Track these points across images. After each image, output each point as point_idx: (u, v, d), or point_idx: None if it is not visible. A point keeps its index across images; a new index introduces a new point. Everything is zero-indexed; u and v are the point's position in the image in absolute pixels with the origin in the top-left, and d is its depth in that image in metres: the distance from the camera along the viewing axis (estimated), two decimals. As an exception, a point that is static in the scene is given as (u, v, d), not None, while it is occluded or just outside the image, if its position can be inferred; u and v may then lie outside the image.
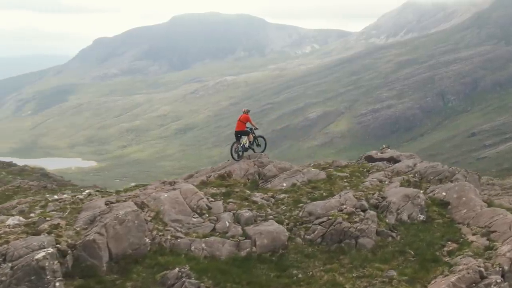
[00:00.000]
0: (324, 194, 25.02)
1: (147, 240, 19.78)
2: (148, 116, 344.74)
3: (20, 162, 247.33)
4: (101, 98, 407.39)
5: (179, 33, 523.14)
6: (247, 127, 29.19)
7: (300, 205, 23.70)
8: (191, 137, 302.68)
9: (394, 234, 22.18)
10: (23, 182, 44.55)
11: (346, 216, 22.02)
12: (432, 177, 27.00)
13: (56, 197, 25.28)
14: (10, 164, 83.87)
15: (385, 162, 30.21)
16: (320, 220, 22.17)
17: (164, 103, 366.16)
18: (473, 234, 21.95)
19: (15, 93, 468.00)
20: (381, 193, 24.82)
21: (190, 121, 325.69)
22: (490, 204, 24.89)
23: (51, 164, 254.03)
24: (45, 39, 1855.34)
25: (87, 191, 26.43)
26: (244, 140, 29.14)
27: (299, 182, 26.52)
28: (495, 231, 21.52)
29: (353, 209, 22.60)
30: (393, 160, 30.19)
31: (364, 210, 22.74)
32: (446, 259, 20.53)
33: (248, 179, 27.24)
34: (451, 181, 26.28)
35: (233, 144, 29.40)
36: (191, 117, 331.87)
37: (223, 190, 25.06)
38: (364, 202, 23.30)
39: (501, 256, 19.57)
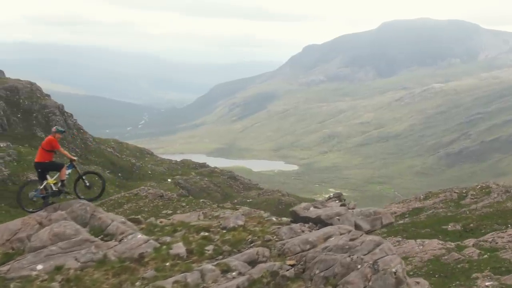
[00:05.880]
0: None
1: None
2: (350, 122, 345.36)
3: (226, 162, 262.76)
4: (306, 104, 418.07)
5: (387, 39, 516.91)
6: (70, 160, 18.00)
7: None
8: (393, 145, 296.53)
9: None
10: (143, 190, 44.31)
11: None
12: (318, 271, 14.21)
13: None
14: (202, 165, 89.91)
15: (307, 225, 17.16)
16: None
17: (367, 110, 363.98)
18: None
19: (228, 97, 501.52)
20: None
21: (393, 129, 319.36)
22: None
23: (256, 166, 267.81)
24: (258, 46, 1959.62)
25: None
26: (52, 179, 17.58)
27: (80, 262, 14.59)
28: None
29: None
30: (320, 222, 16.92)
31: None
32: None
33: (13, 249, 16.00)
34: (336, 286, 13.76)
35: (24, 185, 18.28)
36: (395, 125, 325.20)
37: None
38: None
39: None
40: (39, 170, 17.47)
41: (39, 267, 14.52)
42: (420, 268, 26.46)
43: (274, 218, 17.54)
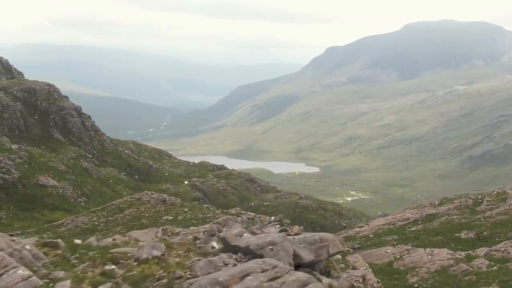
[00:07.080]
0: None
1: None
2: (372, 125, 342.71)
3: (246, 164, 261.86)
4: (328, 106, 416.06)
5: (410, 41, 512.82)
6: None
7: None
8: (415, 148, 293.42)
9: None
10: (146, 195, 42.35)
11: None
12: None
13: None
14: (220, 168, 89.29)
15: (235, 256, 12.61)
16: None
17: (389, 112, 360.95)
18: None
19: (249, 99, 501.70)
20: None
21: (416, 131, 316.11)
22: None
23: (277, 168, 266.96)
24: (280, 48, 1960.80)
25: None
26: None
27: None
28: None
29: None
30: (250, 253, 12.51)
31: None
32: None
33: None
34: None
35: None
36: (417, 127, 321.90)
37: None
38: None
39: None
40: None
41: None
42: (426, 280, 25.57)
43: (214, 243, 13.53)
